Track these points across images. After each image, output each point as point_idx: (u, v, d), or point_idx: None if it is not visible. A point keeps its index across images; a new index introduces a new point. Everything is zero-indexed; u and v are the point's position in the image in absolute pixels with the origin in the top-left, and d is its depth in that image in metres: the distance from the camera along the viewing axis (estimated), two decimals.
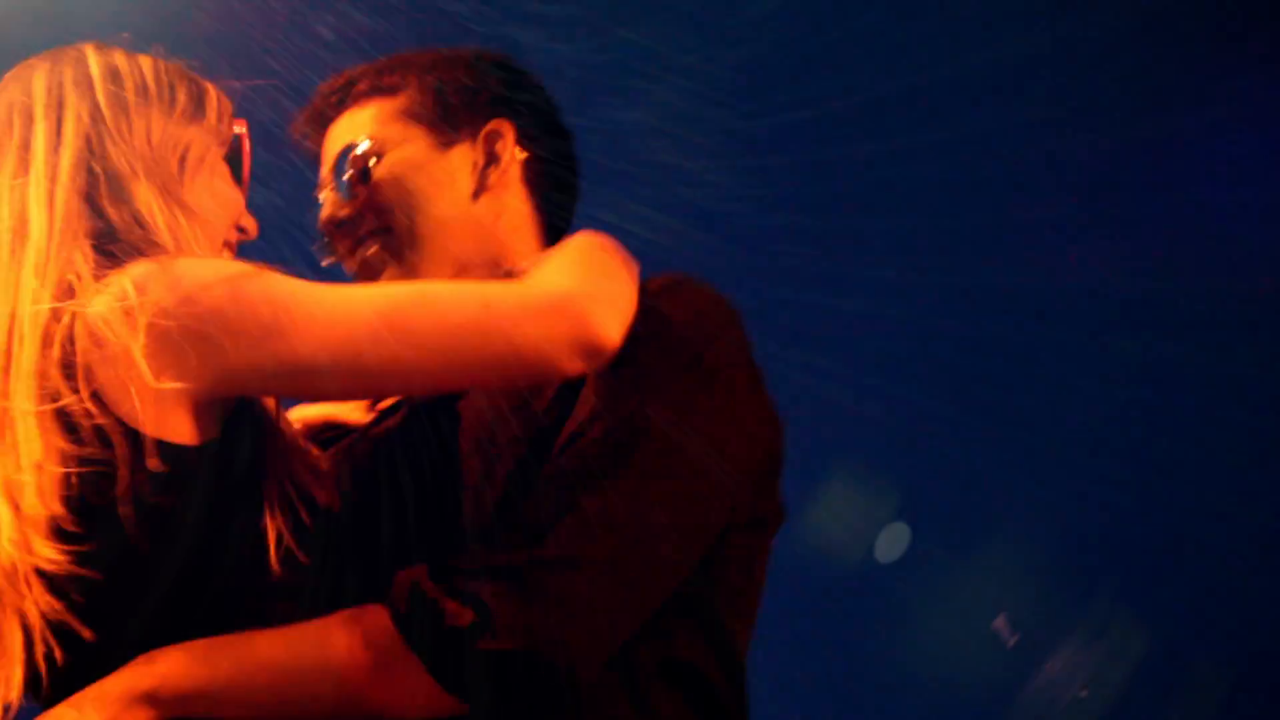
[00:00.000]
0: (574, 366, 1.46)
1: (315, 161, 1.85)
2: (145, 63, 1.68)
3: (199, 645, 1.44)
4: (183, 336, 1.43)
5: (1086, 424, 3.82)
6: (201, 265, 1.51)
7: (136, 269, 1.49)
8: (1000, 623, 3.67)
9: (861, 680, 3.83)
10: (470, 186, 1.76)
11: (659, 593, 1.50)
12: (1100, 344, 3.78)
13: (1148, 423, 3.75)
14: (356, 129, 1.78)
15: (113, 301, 1.46)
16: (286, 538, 1.53)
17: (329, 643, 1.43)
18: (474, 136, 1.78)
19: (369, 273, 1.76)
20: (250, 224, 1.74)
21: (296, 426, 1.75)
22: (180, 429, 1.45)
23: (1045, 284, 3.76)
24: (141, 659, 1.44)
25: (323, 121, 1.83)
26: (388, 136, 1.76)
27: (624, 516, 1.45)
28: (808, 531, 3.45)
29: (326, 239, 1.81)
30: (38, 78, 1.65)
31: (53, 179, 1.57)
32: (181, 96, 1.68)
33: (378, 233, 1.76)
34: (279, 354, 1.43)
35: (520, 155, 1.78)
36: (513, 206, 1.78)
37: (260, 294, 1.46)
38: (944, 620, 3.71)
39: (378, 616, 1.43)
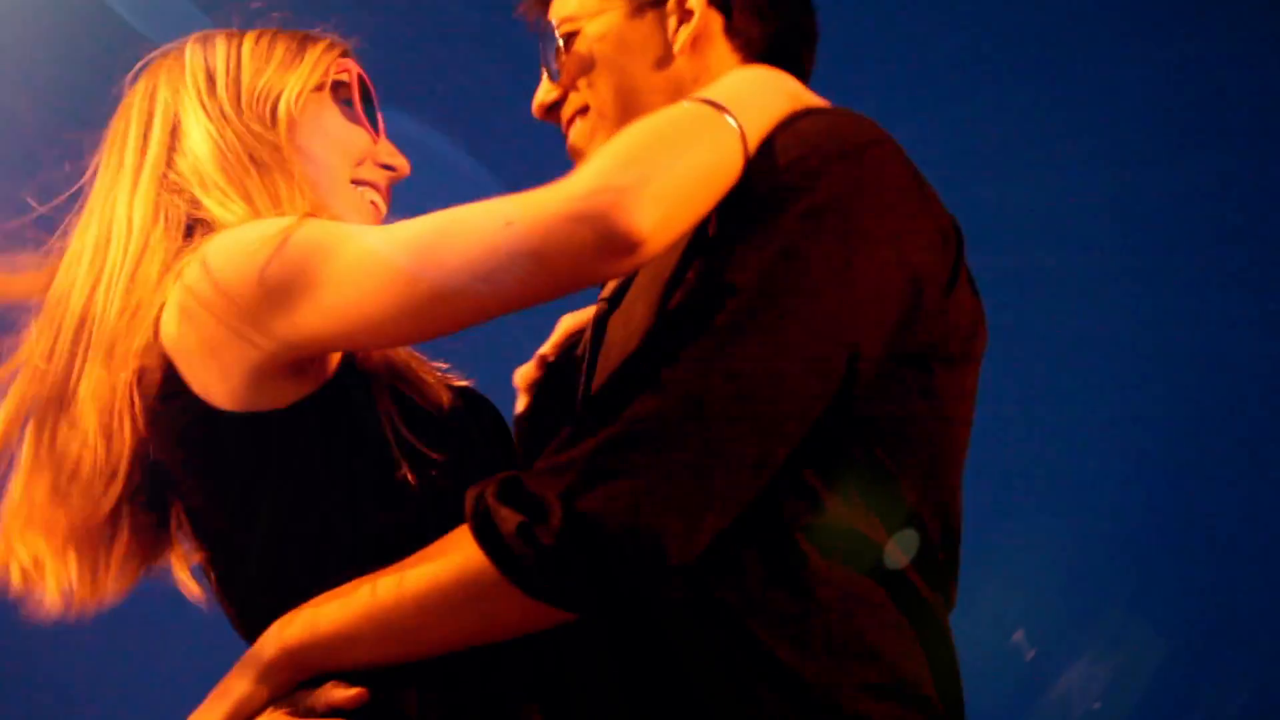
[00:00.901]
0: (609, 270, 1.37)
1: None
2: (249, 36, 1.68)
3: (318, 601, 1.44)
4: (226, 319, 1.45)
5: (1101, 428, 3.79)
6: (237, 238, 1.49)
7: (189, 258, 1.51)
8: (1019, 637, 3.63)
9: None
10: (664, 49, 1.65)
11: (758, 460, 1.36)
12: (1114, 343, 3.76)
13: (1164, 428, 3.72)
14: (560, 7, 1.70)
15: (172, 300, 1.49)
16: (409, 439, 1.51)
17: (433, 570, 1.40)
18: None
19: (578, 155, 1.67)
20: (397, 160, 1.72)
21: (562, 334, 1.80)
22: (274, 396, 1.47)
23: (1055, 273, 3.73)
24: (276, 623, 1.46)
25: (541, 4, 1.74)
26: (584, 12, 1.67)
27: (702, 385, 1.34)
28: None
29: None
30: (144, 78, 1.67)
31: (136, 178, 1.59)
32: (279, 51, 1.67)
33: (581, 113, 1.68)
34: (325, 314, 1.42)
35: (717, 9, 1.66)
36: (717, 64, 1.66)
37: (295, 257, 1.43)
38: (953, 628, 3.67)
39: (464, 535, 1.38)
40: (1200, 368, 3.72)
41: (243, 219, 1.53)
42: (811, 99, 1.56)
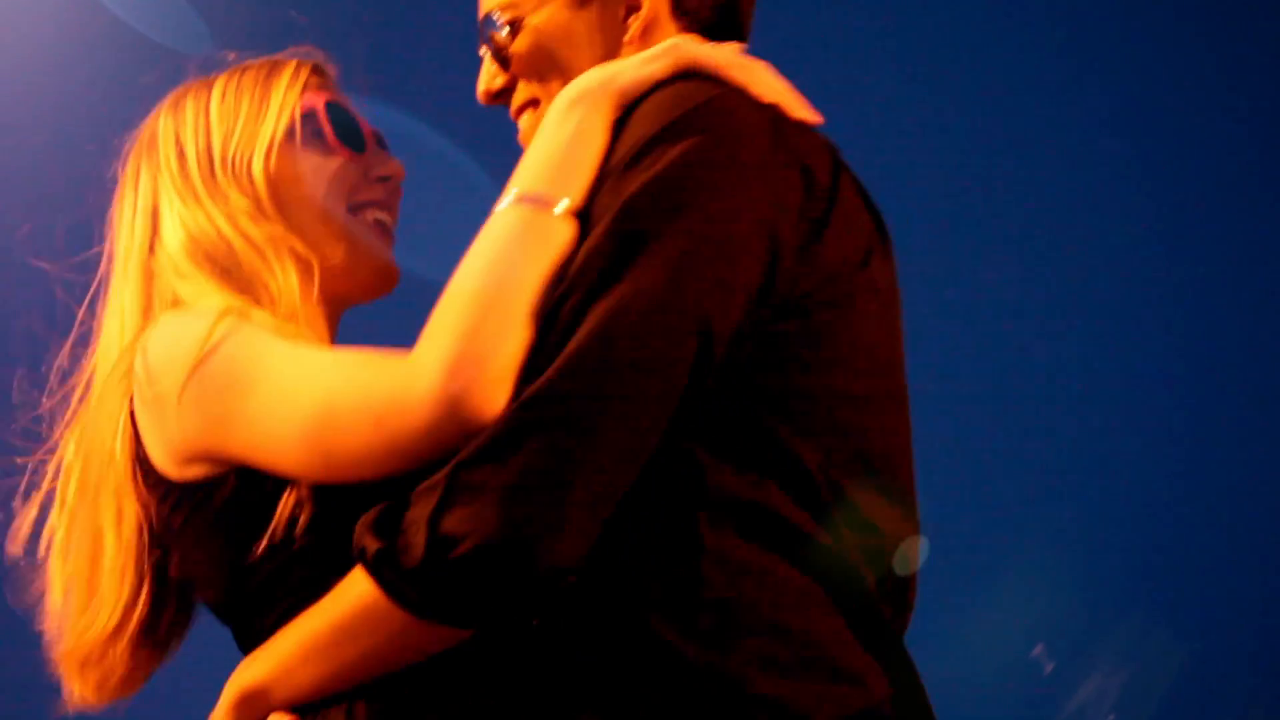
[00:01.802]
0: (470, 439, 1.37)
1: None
2: (215, 89, 1.70)
3: (266, 645, 1.50)
4: (159, 405, 1.53)
5: (1113, 433, 3.78)
6: (172, 332, 1.55)
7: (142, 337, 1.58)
8: (1039, 651, 3.62)
9: None
10: (612, 41, 1.61)
11: (618, 453, 1.34)
12: (1135, 350, 3.75)
13: (1184, 436, 3.70)
14: None
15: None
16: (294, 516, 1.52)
17: (338, 602, 1.43)
18: None
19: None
20: (390, 168, 1.74)
21: None
22: (207, 469, 1.53)
23: (1063, 286, 3.72)
24: (237, 668, 1.52)
25: None
26: (524, 1, 1.64)
27: (547, 389, 1.33)
28: None
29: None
30: (131, 158, 1.71)
31: (126, 267, 1.65)
32: (245, 102, 1.68)
33: (531, 105, 1.66)
34: (234, 444, 1.48)
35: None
36: None
37: (213, 384, 1.49)
38: (960, 634, 3.65)
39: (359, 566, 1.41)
40: (1225, 375, 3.71)
41: (248, 281, 1.60)
42: (658, 67, 1.51)
